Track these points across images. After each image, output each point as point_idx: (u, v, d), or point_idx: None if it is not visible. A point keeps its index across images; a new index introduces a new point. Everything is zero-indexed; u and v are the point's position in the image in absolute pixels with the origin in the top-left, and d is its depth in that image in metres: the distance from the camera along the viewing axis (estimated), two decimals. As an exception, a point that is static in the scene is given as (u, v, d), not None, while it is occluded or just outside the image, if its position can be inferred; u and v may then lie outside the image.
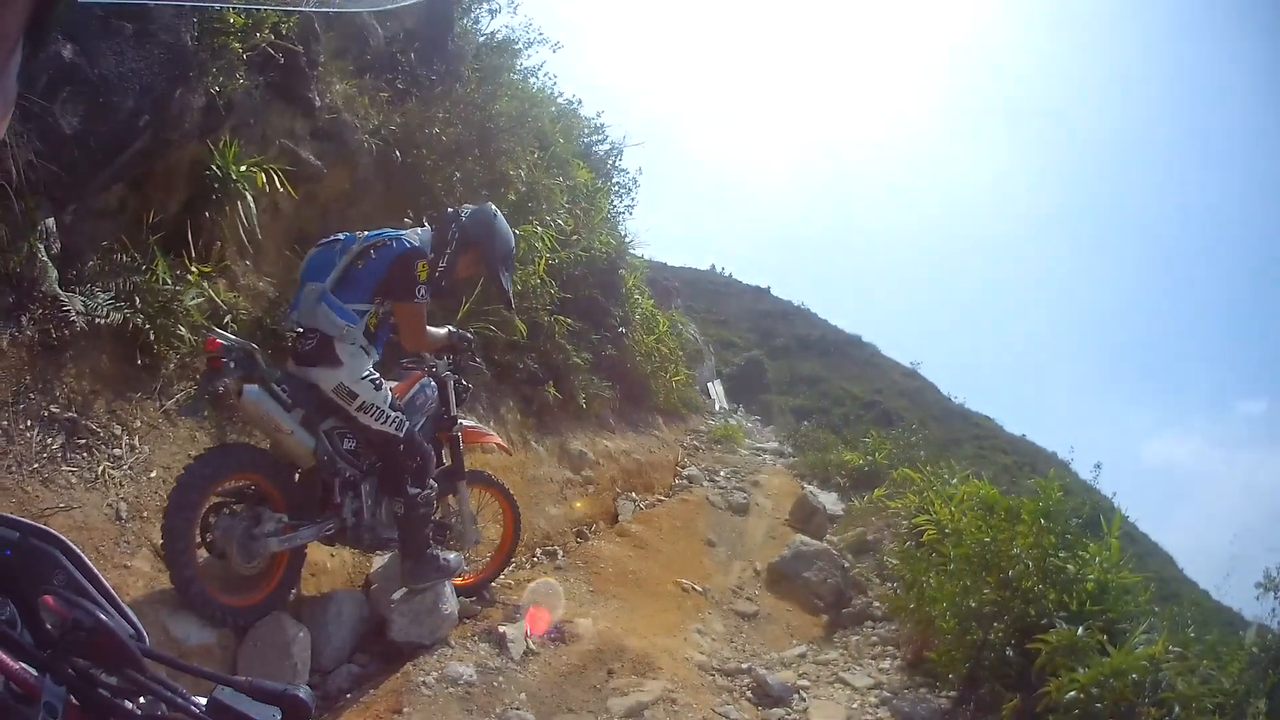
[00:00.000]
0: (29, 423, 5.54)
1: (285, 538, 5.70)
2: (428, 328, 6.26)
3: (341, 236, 5.94)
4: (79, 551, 1.21)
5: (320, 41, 8.59)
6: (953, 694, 7.11)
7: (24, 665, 1.02)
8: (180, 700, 1.10)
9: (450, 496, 6.99)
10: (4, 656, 1.00)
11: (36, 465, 5.42)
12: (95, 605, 1.15)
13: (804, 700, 6.86)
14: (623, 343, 14.54)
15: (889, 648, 8.11)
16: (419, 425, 6.29)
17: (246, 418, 5.93)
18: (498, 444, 7.65)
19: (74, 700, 1.06)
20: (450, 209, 6.58)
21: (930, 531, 8.89)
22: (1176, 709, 5.69)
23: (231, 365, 5.39)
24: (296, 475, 6.03)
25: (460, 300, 9.85)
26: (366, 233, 5.98)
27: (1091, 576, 6.99)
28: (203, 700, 1.11)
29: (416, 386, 6.49)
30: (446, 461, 6.88)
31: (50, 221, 5.91)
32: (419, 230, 6.21)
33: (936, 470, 12.40)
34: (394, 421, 5.94)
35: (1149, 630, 6.48)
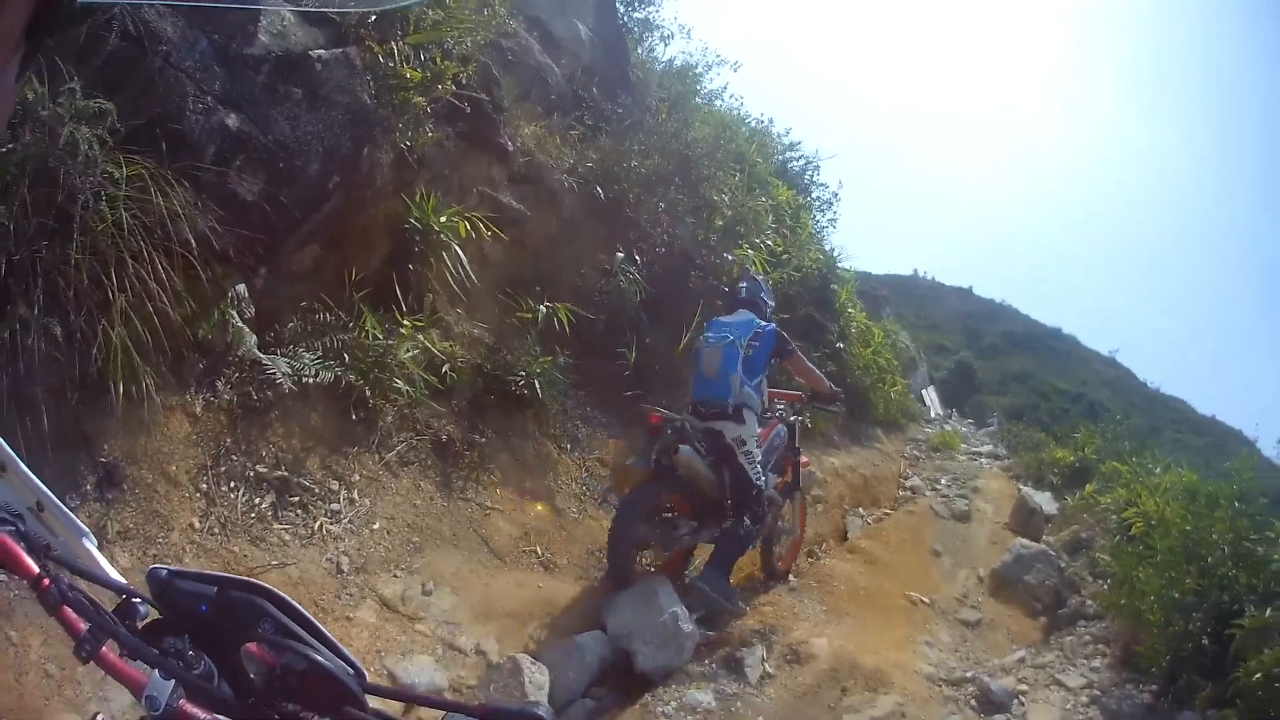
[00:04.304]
0: (232, 484, 5.05)
1: (690, 536, 6.69)
2: (815, 370, 7.57)
3: (730, 336, 6.63)
4: (289, 599, 1.16)
5: (501, 86, 7.90)
6: (1154, 687, 6.47)
7: (218, 717, 1.02)
8: None
9: (788, 502, 7.73)
10: (195, 711, 1.01)
11: (243, 525, 4.94)
12: (309, 648, 1.11)
13: (1023, 705, 6.34)
14: (842, 358, 13.21)
15: (1100, 645, 7.32)
16: (772, 463, 7.10)
17: (681, 466, 6.39)
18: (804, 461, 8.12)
19: None
20: (741, 284, 7.40)
21: (1138, 524, 8.09)
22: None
23: (669, 432, 6.42)
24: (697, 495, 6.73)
25: (682, 331, 9.20)
26: (732, 322, 6.87)
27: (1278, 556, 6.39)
28: None
29: (774, 433, 7.22)
30: (788, 478, 7.69)
31: (241, 287, 5.39)
32: (745, 313, 6.97)
33: (1142, 461, 11.29)
34: (759, 476, 6.65)
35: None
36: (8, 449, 1.30)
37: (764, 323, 6.89)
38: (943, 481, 13.02)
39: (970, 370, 44.36)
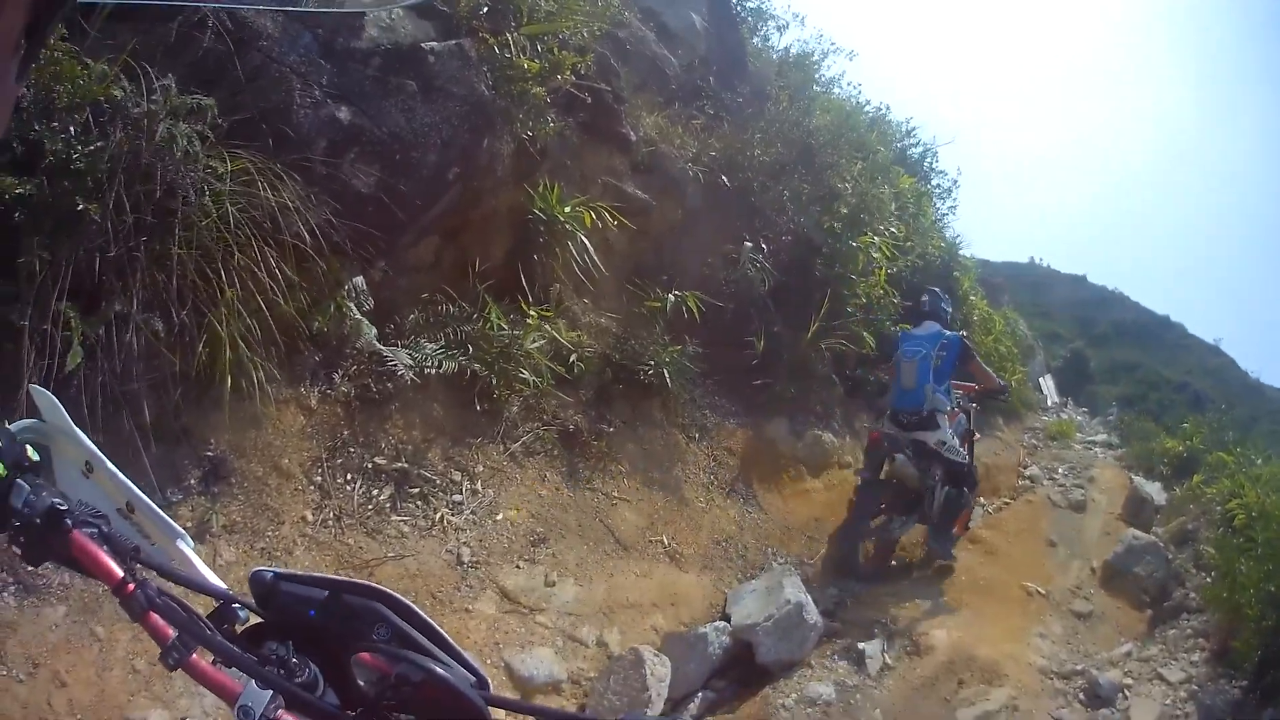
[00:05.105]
0: (349, 476, 4.65)
1: (900, 529, 7.33)
2: (989, 371, 8.08)
3: (922, 350, 7.15)
4: (408, 603, 1.03)
5: (620, 77, 7.32)
6: (1244, 683, 5.79)
7: None
8: None
9: None
10: None
11: (359, 518, 4.54)
12: (427, 656, 0.99)
13: (1127, 699, 5.78)
14: (965, 346, 12.13)
15: (1200, 640, 6.63)
16: (959, 440, 7.46)
17: (897, 471, 7.17)
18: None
19: None
20: (923, 297, 7.74)
21: (1240, 516, 7.39)
22: None
23: (885, 445, 7.13)
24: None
25: (809, 318, 8.54)
26: (922, 335, 7.32)
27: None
28: None
29: (957, 420, 7.52)
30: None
31: (359, 280, 4.96)
32: (932, 324, 7.43)
33: (1245, 451, 10.18)
34: (962, 456, 7.28)
35: None
36: (95, 448, 1.17)
37: (949, 332, 7.44)
38: (1060, 471, 12.15)
39: (1084, 359, 41.90)
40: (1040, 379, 21.87)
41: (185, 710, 3.16)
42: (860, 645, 5.72)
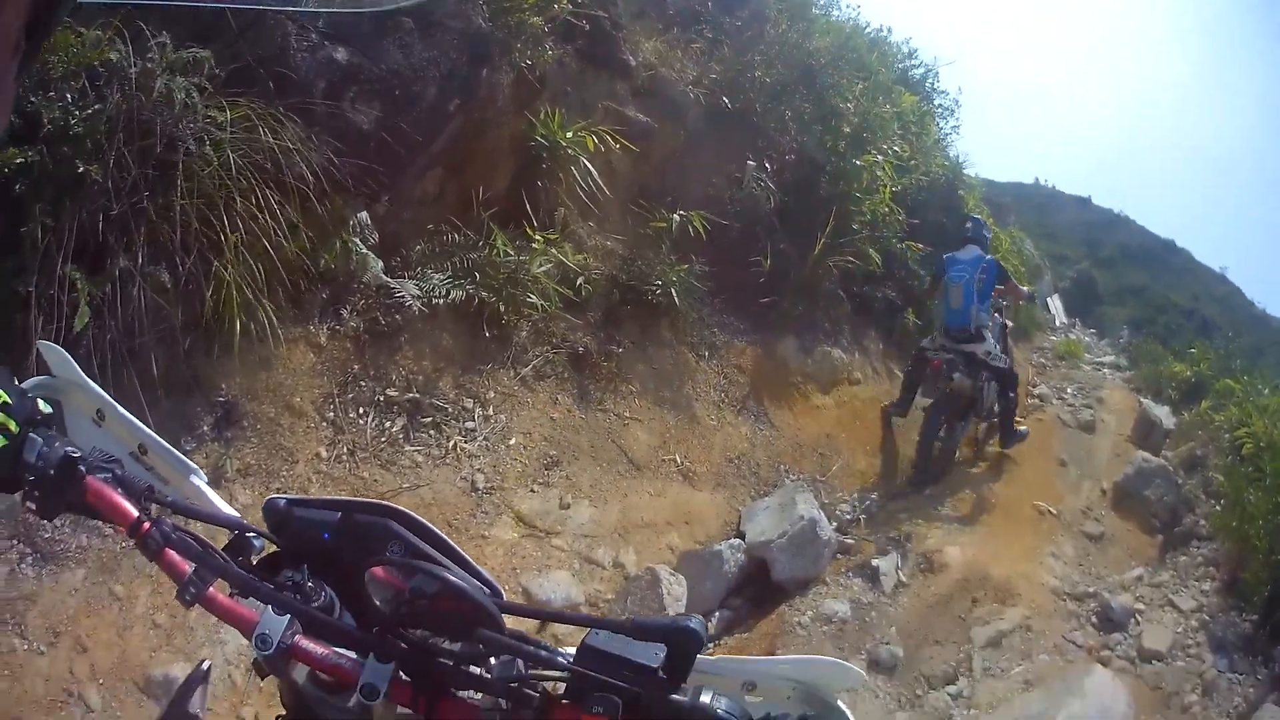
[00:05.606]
0: (361, 410, 4.67)
1: (962, 432, 8.05)
2: (1020, 287, 9.30)
3: (966, 275, 7.84)
4: (420, 519, 1.03)
5: (618, 4, 7.18)
6: (1254, 617, 5.73)
7: (337, 650, 0.94)
8: (544, 654, 0.95)
9: None
10: (310, 645, 0.93)
11: (373, 450, 4.57)
12: (441, 568, 0.95)
13: (1138, 625, 5.77)
14: (971, 264, 11.96)
15: (1211, 568, 6.59)
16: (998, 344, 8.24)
17: (955, 387, 7.61)
18: None
19: (404, 676, 0.94)
20: (967, 224, 8.63)
21: (1249, 445, 7.45)
22: None
23: (945, 367, 7.64)
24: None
25: (814, 236, 8.43)
26: (965, 260, 7.97)
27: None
28: (572, 650, 0.94)
29: (995, 324, 8.31)
30: None
31: (364, 215, 4.94)
32: (973, 249, 8.08)
33: (1252, 381, 10.08)
34: (1005, 362, 8.09)
35: None
36: (106, 396, 1.18)
37: (988, 256, 8.13)
38: (1069, 390, 11.98)
39: (1091, 280, 41.24)
40: (1048, 299, 21.51)
41: (208, 658, 3.22)
42: (874, 562, 5.73)
